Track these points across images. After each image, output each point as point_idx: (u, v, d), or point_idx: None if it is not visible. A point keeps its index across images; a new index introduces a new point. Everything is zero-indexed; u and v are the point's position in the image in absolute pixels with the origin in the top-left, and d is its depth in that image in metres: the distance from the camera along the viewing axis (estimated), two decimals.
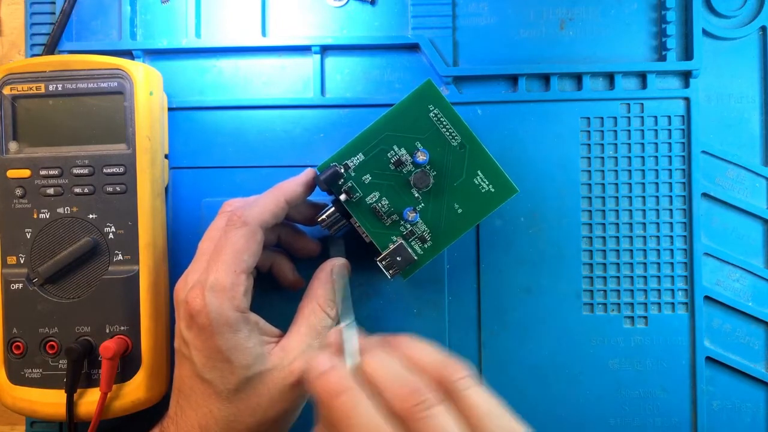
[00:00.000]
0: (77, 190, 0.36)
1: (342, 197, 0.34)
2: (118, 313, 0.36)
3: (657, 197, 0.39)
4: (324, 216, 0.35)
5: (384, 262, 0.34)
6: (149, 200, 0.36)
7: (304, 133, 0.40)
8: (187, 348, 0.32)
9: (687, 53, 0.39)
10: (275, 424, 0.32)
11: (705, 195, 0.39)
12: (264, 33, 0.40)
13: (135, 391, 0.35)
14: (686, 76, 0.39)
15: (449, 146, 0.34)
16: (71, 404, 0.35)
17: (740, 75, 0.40)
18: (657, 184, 0.39)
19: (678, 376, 0.39)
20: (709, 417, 0.39)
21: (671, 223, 0.39)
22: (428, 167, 0.34)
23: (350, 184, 0.34)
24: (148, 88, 0.36)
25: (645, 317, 0.39)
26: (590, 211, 0.39)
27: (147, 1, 0.40)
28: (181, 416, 0.32)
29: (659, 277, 0.39)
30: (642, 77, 0.40)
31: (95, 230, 0.36)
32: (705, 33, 0.39)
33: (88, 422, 0.35)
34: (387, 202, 0.35)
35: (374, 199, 0.35)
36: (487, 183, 0.35)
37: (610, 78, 0.40)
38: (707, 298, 0.39)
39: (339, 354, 0.28)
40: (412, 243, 0.35)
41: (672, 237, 0.39)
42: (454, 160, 0.35)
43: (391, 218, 0.35)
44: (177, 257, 0.39)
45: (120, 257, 0.36)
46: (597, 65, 0.39)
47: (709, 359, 0.39)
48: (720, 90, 0.40)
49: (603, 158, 0.40)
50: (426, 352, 0.27)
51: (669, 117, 0.39)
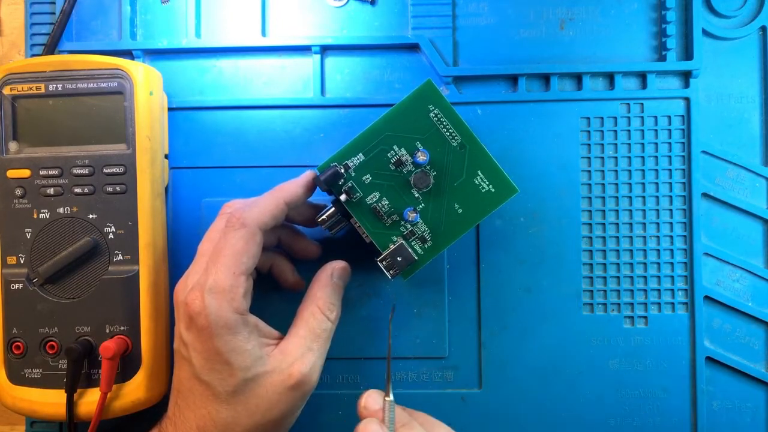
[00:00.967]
0: (77, 190, 0.36)
1: (342, 197, 0.34)
2: (118, 313, 0.36)
3: (657, 197, 0.39)
4: (324, 216, 0.35)
5: (384, 262, 0.34)
6: (149, 200, 0.36)
7: (304, 133, 0.40)
8: (187, 349, 0.32)
9: (687, 53, 0.39)
10: (274, 427, 0.32)
11: (705, 195, 0.39)
12: (264, 33, 0.40)
13: (135, 391, 0.35)
14: (686, 76, 0.39)
15: (449, 146, 0.34)
16: (71, 404, 0.35)
17: (740, 75, 0.40)
18: (657, 184, 0.39)
19: (678, 376, 0.39)
20: (709, 417, 0.39)
21: (671, 223, 0.39)
22: (428, 167, 0.34)
23: (350, 185, 0.34)
24: (148, 88, 0.36)
25: (645, 317, 0.39)
26: (590, 211, 0.39)
27: (147, 1, 0.40)
28: (180, 417, 0.32)
29: (659, 277, 0.39)
30: (642, 77, 0.40)
31: (95, 230, 0.36)
32: (705, 33, 0.39)
33: (88, 422, 0.35)
34: (387, 202, 0.35)
35: (374, 200, 0.35)
36: (487, 183, 0.35)
37: (610, 78, 0.40)
38: (707, 298, 0.39)
39: (382, 422, 0.30)
40: (413, 243, 0.35)
41: (672, 237, 0.39)
42: (454, 160, 0.35)
43: (392, 218, 0.35)
44: (177, 257, 0.39)
45: (120, 257, 0.36)
46: (597, 65, 0.39)
47: (709, 359, 0.39)
48: (720, 90, 0.40)
49: (603, 158, 0.40)
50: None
51: (669, 117, 0.39)
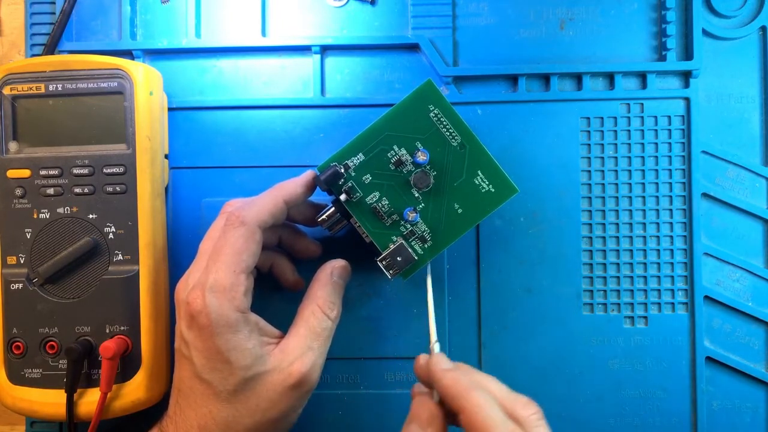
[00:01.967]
0: (77, 190, 0.36)
1: (342, 197, 0.34)
2: (118, 313, 0.36)
3: (657, 197, 0.39)
4: (324, 216, 0.35)
5: (384, 262, 0.34)
6: (149, 200, 0.36)
7: (304, 133, 0.40)
8: (188, 348, 0.32)
9: (687, 53, 0.39)
10: (274, 426, 0.32)
11: (705, 195, 0.39)
12: (264, 33, 0.40)
13: (135, 391, 0.35)
14: (686, 76, 0.39)
15: (449, 146, 0.34)
16: (71, 404, 0.35)
17: (740, 75, 0.40)
18: (657, 184, 0.39)
19: (678, 376, 0.39)
20: (709, 417, 0.39)
21: (671, 223, 0.39)
22: (428, 167, 0.34)
23: (350, 184, 0.34)
24: (148, 88, 0.36)
25: (645, 317, 0.39)
26: (590, 211, 0.39)
27: (147, 1, 0.40)
28: (181, 416, 0.32)
29: (659, 277, 0.39)
30: (642, 77, 0.40)
31: (95, 230, 0.36)
32: (705, 33, 0.39)
33: (88, 422, 0.35)
34: (387, 202, 0.35)
35: (374, 199, 0.35)
36: (487, 183, 0.35)
37: (610, 78, 0.40)
38: (707, 298, 0.39)
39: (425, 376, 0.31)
40: (413, 243, 0.35)
41: (672, 237, 0.39)
42: (454, 160, 0.35)
43: (392, 218, 0.35)
44: (177, 257, 0.39)
45: (120, 257, 0.36)
46: (597, 65, 0.39)
47: (709, 359, 0.39)
48: (720, 90, 0.40)
49: (603, 158, 0.40)
50: (498, 386, 0.29)
51: (669, 117, 0.39)
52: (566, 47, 0.40)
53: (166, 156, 0.39)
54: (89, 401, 0.35)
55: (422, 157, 0.34)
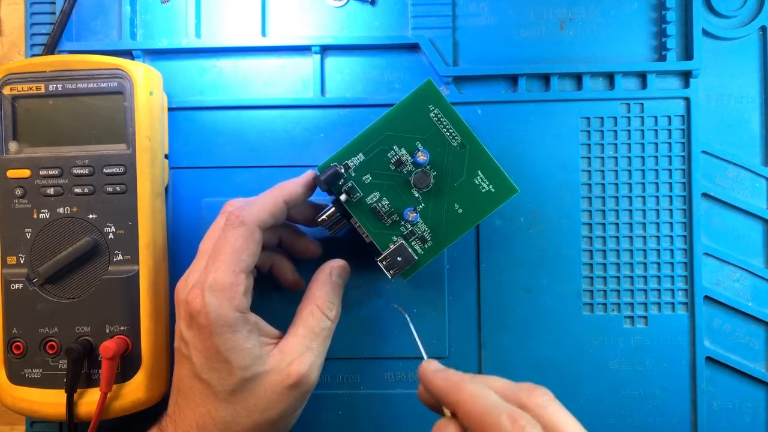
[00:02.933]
0: (77, 190, 0.36)
1: (342, 197, 0.34)
2: (118, 313, 0.36)
3: (657, 197, 0.39)
4: (324, 216, 0.35)
5: (384, 262, 0.34)
6: (149, 200, 0.36)
7: (304, 133, 0.40)
8: (187, 348, 0.32)
9: (687, 53, 0.39)
10: (273, 426, 0.32)
11: (705, 195, 0.39)
12: (264, 33, 0.40)
13: (135, 391, 0.35)
14: (686, 76, 0.39)
15: (449, 146, 0.34)
16: (71, 404, 0.35)
17: (740, 75, 0.40)
18: (657, 184, 0.39)
19: (678, 376, 0.39)
20: (709, 417, 0.39)
21: (671, 223, 0.39)
22: (428, 167, 0.34)
23: (350, 184, 0.34)
24: (148, 88, 0.36)
25: (645, 317, 0.39)
26: (590, 211, 0.39)
27: (147, 1, 0.40)
28: (180, 416, 0.32)
29: (659, 277, 0.39)
30: (642, 77, 0.40)
31: (95, 230, 0.36)
32: (705, 33, 0.39)
33: (88, 422, 0.35)
34: (387, 202, 0.35)
35: (374, 199, 0.35)
36: (487, 183, 0.35)
37: (610, 78, 0.40)
38: (707, 298, 0.39)
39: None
40: (413, 243, 0.35)
41: (672, 237, 0.39)
42: (455, 160, 0.35)
43: (392, 218, 0.35)
44: (177, 257, 0.39)
45: (120, 257, 0.36)
46: (597, 65, 0.39)
47: (709, 359, 0.39)
48: (720, 90, 0.40)
49: (603, 158, 0.40)
50: (499, 381, 0.28)
51: (669, 117, 0.39)
52: (566, 47, 0.40)
53: (166, 156, 0.39)
54: (89, 401, 0.35)
55: (422, 157, 0.34)
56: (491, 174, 0.35)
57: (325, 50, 0.40)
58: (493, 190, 0.35)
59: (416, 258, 0.35)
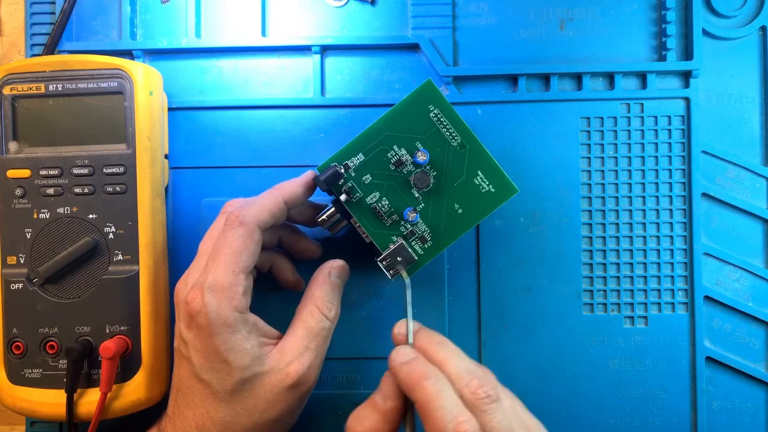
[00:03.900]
0: (77, 190, 0.36)
1: (342, 197, 0.34)
2: (118, 313, 0.36)
3: (657, 197, 0.39)
4: (324, 216, 0.35)
5: (384, 262, 0.34)
6: (149, 200, 0.36)
7: (304, 133, 0.40)
8: (186, 348, 0.32)
9: (687, 53, 0.39)
10: (272, 426, 0.32)
11: (705, 195, 0.39)
12: (264, 33, 0.40)
13: (135, 391, 0.35)
14: (686, 76, 0.39)
15: (449, 146, 0.34)
16: (71, 404, 0.35)
17: (740, 75, 0.40)
18: (657, 184, 0.39)
19: (678, 376, 0.39)
20: (709, 417, 0.39)
21: (671, 223, 0.39)
22: (428, 167, 0.34)
23: (350, 185, 0.34)
24: (148, 88, 0.36)
25: (645, 317, 0.39)
26: (590, 211, 0.39)
27: (147, 1, 0.40)
28: (179, 416, 0.32)
29: (659, 277, 0.39)
30: (642, 77, 0.40)
31: (95, 230, 0.36)
32: (705, 33, 0.39)
33: (88, 422, 0.35)
34: (387, 202, 0.35)
35: (374, 199, 0.35)
36: (487, 183, 0.35)
37: (610, 78, 0.40)
38: (707, 298, 0.39)
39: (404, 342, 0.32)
40: (413, 243, 0.35)
41: (672, 237, 0.39)
42: (454, 160, 0.35)
43: (392, 218, 0.35)
44: (177, 257, 0.39)
45: (120, 257, 0.36)
46: (597, 65, 0.39)
47: (709, 359, 0.39)
48: (720, 90, 0.40)
49: (603, 158, 0.40)
50: (456, 364, 0.30)
51: (669, 117, 0.39)
52: (566, 47, 0.40)
53: (166, 156, 0.39)
54: (89, 401, 0.35)
55: (422, 157, 0.34)
56: (491, 174, 0.35)
57: (325, 50, 0.40)
58: (493, 190, 0.35)
59: (416, 258, 0.35)
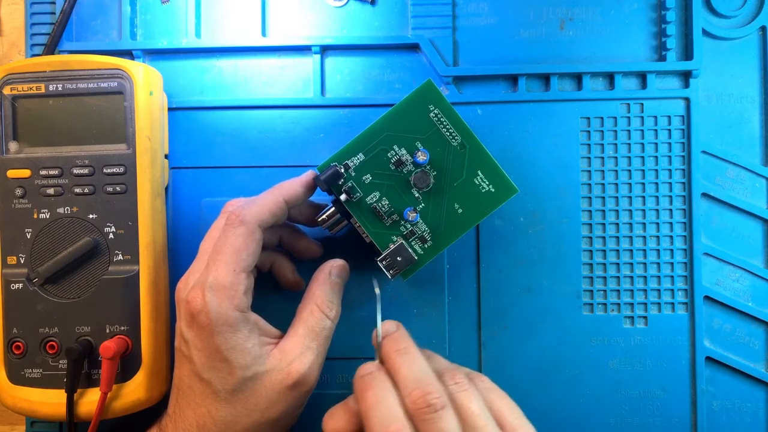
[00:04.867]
0: (77, 190, 0.36)
1: (342, 197, 0.34)
2: (118, 313, 0.36)
3: (657, 197, 0.39)
4: (324, 216, 0.35)
5: (384, 262, 0.34)
6: (149, 200, 0.36)
7: (304, 133, 0.40)
8: (187, 347, 0.32)
9: (687, 53, 0.39)
10: (273, 426, 0.32)
11: (705, 195, 0.39)
12: (264, 33, 0.40)
13: (135, 391, 0.35)
14: (686, 76, 0.40)
15: (449, 146, 0.35)
16: (71, 404, 0.35)
17: (740, 75, 0.40)
18: (657, 184, 0.39)
19: (678, 376, 0.39)
20: (709, 417, 0.39)
21: (671, 223, 0.39)
22: (428, 167, 0.34)
23: (350, 184, 0.34)
24: (148, 88, 0.36)
25: (645, 317, 0.39)
26: (590, 211, 0.39)
27: (147, 1, 0.40)
28: (180, 415, 0.32)
29: (659, 277, 0.39)
30: (642, 77, 0.40)
31: (95, 230, 0.36)
32: (705, 33, 0.39)
33: (88, 422, 0.35)
34: (387, 202, 0.35)
35: (374, 199, 0.35)
36: (487, 183, 0.35)
37: (610, 78, 0.40)
38: (707, 298, 0.39)
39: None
40: (413, 243, 0.35)
41: (672, 237, 0.39)
42: (455, 160, 0.35)
43: (392, 218, 0.35)
44: (177, 257, 0.39)
45: (120, 257, 0.36)
46: (597, 65, 0.39)
47: (709, 359, 0.39)
48: (720, 90, 0.40)
49: (603, 158, 0.40)
50: (408, 372, 0.30)
51: (669, 117, 0.39)
52: (566, 47, 0.40)
53: (166, 156, 0.39)
54: (89, 401, 0.35)
55: (422, 157, 0.34)
56: (491, 174, 0.35)
57: (325, 50, 0.40)
58: (493, 190, 0.35)
59: (416, 258, 0.35)
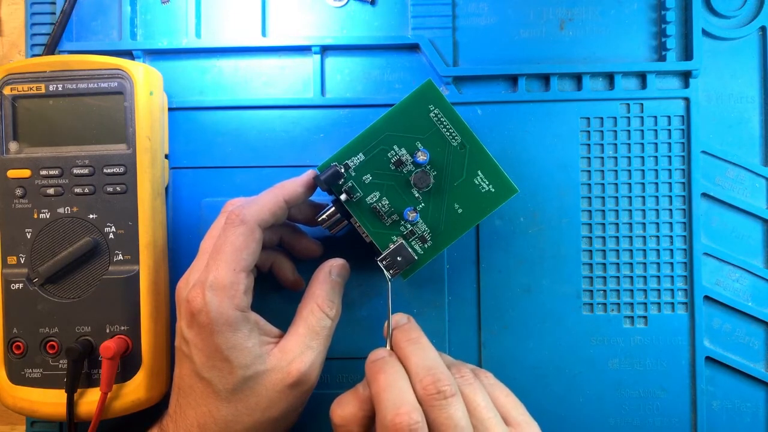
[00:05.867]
0: (77, 190, 0.36)
1: (342, 197, 0.34)
2: (118, 313, 0.36)
3: (657, 197, 0.39)
4: (324, 216, 0.35)
5: (384, 262, 0.34)
6: (149, 200, 0.36)
7: (304, 133, 0.40)
8: (188, 347, 0.32)
9: (687, 53, 0.39)
10: (274, 425, 0.32)
11: (705, 195, 0.39)
12: (264, 33, 0.40)
13: (135, 391, 0.35)
14: (686, 76, 0.40)
15: (449, 146, 0.35)
16: (71, 404, 0.35)
17: (740, 75, 0.40)
18: (657, 184, 0.39)
19: (678, 376, 0.39)
20: (709, 417, 0.39)
21: (671, 223, 0.39)
22: (428, 167, 0.34)
23: (350, 184, 0.34)
24: (148, 88, 0.36)
25: (645, 317, 0.39)
26: (590, 211, 0.39)
27: (147, 1, 0.40)
28: (181, 415, 0.32)
29: (659, 277, 0.39)
30: (642, 77, 0.40)
31: (95, 230, 0.36)
32: (705, 33, 0.39)
33: (88, 422, 0.35)
34: (387, 202, 0.35)
35: (374, 199, 0.35)
36: (487, 183, 0.35)
37: (610, 78, 0.40)
38: (707, 298, 0.39)
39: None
40: (413, 243, 0.35)
41: (672, 237, 0.39)
42: (455, 160, 0.35)
43: (392, 218, 0.35)
44: (177, 257, 0.39)
45: (120, 257, 0.36)
46: (597, 65, 0.39)
47: (709, 359, 0.39)
48: (720, 90, 0.40)
49: (603, 158, 0.40)
50: (418, 361, 0.31)
51: (669, 117, 0.39)
52: (566, 47, 0.40)
53: (166, 156, 0.39)
54: (89, 401, 0.35)
55: (422, 157, 0.34)
56: (491, 174, 0.35)
57: (325, 50, 0.40)
58: (493, 190, 0.35)
59: (416, 258, 0.35)
